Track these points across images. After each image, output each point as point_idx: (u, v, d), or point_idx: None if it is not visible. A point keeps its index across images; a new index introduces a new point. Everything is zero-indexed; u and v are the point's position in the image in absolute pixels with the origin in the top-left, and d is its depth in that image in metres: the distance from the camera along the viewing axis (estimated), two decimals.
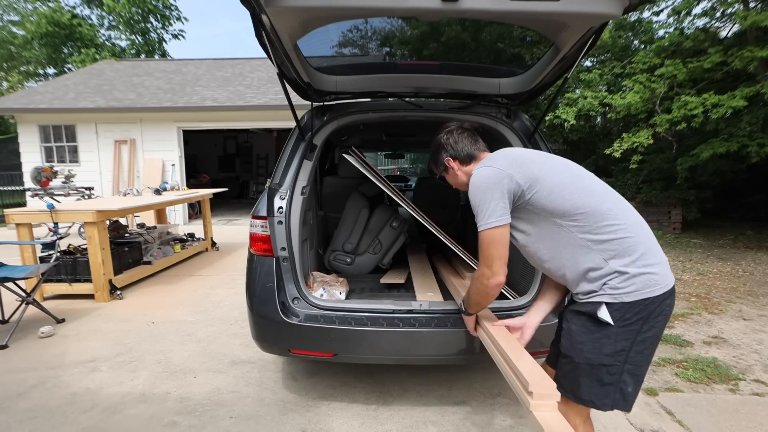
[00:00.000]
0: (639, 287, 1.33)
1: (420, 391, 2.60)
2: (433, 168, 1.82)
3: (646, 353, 1.37)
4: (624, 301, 1.33)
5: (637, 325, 1.33)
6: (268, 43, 1.80)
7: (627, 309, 1.33)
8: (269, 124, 10.43)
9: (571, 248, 1.41)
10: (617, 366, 1.35)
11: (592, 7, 1.57)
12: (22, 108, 10.08)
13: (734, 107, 6.05)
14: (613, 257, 1.35)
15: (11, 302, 3.64)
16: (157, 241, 5.86)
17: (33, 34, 18.75)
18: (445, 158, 1.72)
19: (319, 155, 2.64)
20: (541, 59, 2.29)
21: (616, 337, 1.34)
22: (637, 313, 1.33)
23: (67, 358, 3.05)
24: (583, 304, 1.41)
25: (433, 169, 1.83)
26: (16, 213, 4.27)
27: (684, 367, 2.92)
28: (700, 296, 4.45)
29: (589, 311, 1.38)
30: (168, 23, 21.96)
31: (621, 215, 1.39)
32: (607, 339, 1.35)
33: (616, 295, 1.34)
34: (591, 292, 1.39)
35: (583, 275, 1.40)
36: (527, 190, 1.42)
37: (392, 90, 2.66)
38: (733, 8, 6.70)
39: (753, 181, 8.77)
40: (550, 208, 1.41)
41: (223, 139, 15.69)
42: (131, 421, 2.30)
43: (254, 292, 2.29)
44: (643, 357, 1.37)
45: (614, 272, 1.35)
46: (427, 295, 2.61)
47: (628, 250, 1.35)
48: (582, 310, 1.41)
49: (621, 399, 1.38)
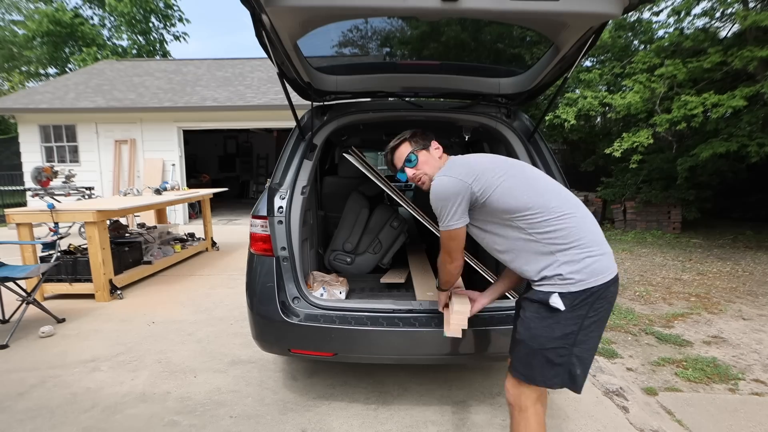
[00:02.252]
0: (585, 277, 1.48)
1: (420, 391, 2.60)
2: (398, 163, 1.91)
3: (592, 335, 1.53)
4: (571, 290, 1.48)
5: (584, 310, 1.48)
6: (268, 42, 1.81)
7: (575, 297, 1.48)
8: (269, 124, 10.43)
9: (522, 242, 1.58)
10: (566, 348, 1.51)
11: (591, 7, 1.57)
12: (23, 108, 10.08)
13: (734, 107, 6.05)
14: (559, 250, 1.51)
15: (12, 302, 3.65)
16: (158, 240, 5.86)
17: (34, 33, 18.74)
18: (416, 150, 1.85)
19: (319, 155, 2.64)
20: (541, 59, 2.29)
21: (565, 321, 1.49)
22: (584, 300, 1.48)
23: (68, 358, 3.05)
24: (536, 293, 1.56)
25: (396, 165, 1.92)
26: (16, 213, 4.27)
27: (684, 366, 2.92)
28: (700, 296, 4.45)
29: (542, 299, 1.53)
30: (169, 23, 21.97)
31: (567, 212, 1.55)
32: (558, 323, 1.50)
33: (565, 285, 1.49)
34: (542, 281, 1.54)
35: (534, 266, 1.56)
36: (481, 197, 1.60)
37: (392, 90, 2.66)
38: (732, 8, 6.70)
39: (753, 181, 8.78)
40: (502, 208, 1.58)
41: (224, 139, 15.70)
42: (131, 421, 2.31)
43: (254, 292, 2.30)
44: (589, 340, 1.53)
45: (562, 263, 1.50)
46: (427, 295, 2.62)
47: (573, 243, 1.51)
48: (535, 298, 1.56)
49: (569, 379, 1.54)
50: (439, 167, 1.77)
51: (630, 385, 2.69)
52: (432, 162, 1.83)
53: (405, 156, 1.85)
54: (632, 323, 3.72)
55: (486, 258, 3.16)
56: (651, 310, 4.07)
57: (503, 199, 1.57)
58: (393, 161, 1.92)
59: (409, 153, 1.84)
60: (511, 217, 1.58)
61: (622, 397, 2.53)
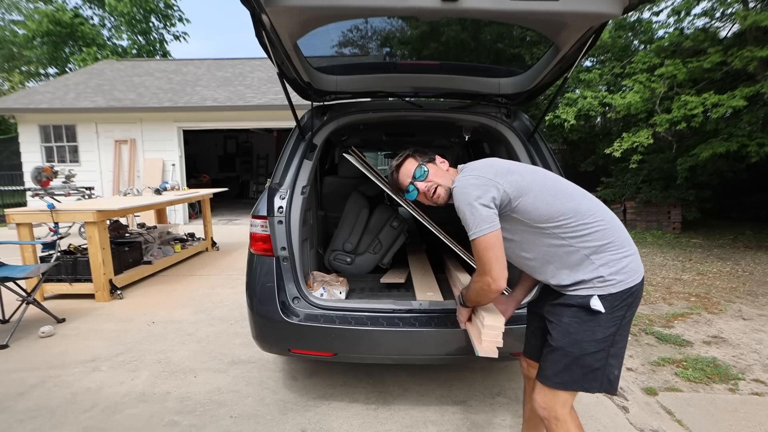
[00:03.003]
0: (624, 277, 1.45)
1: (420, 390, 2.60)
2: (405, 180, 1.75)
3: (625, 335, 1.52)
4: (612, 292, 1.44)
5: (623, 311, 1.46)
6: (268, 42, 1.80)
7: (615, 298, 1.44)
8: (269, 124, 10.43)
9: (554, 248, 1.51)
10: (605, 351, 1.47)
11: (591, 7, 1.57)
12: (23, 108, 10.08)
13: (734, 107, 6.05)
14: (595, 252, 1.47)
15: (12, 302, 3.65)
16: (158, 240, 5.86)
17: (34, 33, 18.74)
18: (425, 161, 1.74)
19: (319, 155, 2.64)
20: (541, 59, 2.28)
21: (606, 323, 1.44)
22: (624, 300, 1.45)
23: (68, 358, 3.05)
24: (572, 297, 1.49)
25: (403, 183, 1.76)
26: (16, 213, 4.27)
27: (684, 366, 2.92)
28: (700, 296, 4.45)
29: (581, 303, 1.47)
30: (169, 23, 21.97)
31: (598, 214, 1.50)
32: (599, 326, 1.45)
33: (605, 287, 1.44)
34: (578, 285, 1.48)
35: (568, 271, 1.50)
36: (513, 199, 1.49)
37: (392, 90, 2.66)
38: (732, 8, 6.70)
39: (752, 181, 8.78)
40: (534, 215, 1.50)
41: (223, 139, 15.70)
42: (131, 421, 2.31)
43: (254, 292, 2.30)
44: (623, 339, 1.51)
45: (599, 266, 1.46)
46: (427, 295, 2.62)
47: (608, 244, 1.47)
48: (572, 303, 1.49)
49: (607, 383, 1.49)
50: (451, 178, 1.67)
51: (630, 385, 2.69)
52: (442, 174, 1.71)
53: (413, 171, 1.72)
54: (632, 323, 3.72)
55: None
56: (651, 310, 4.07)
57: (535, 204, 1.49)
58: (399, 180, 1.77)
59: (417, 166, 1.71)
60: (543, 224, 1.49)
61: (622, 397, 2.53)
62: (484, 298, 1.63)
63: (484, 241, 1.45)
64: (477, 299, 1.67)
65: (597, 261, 1.46)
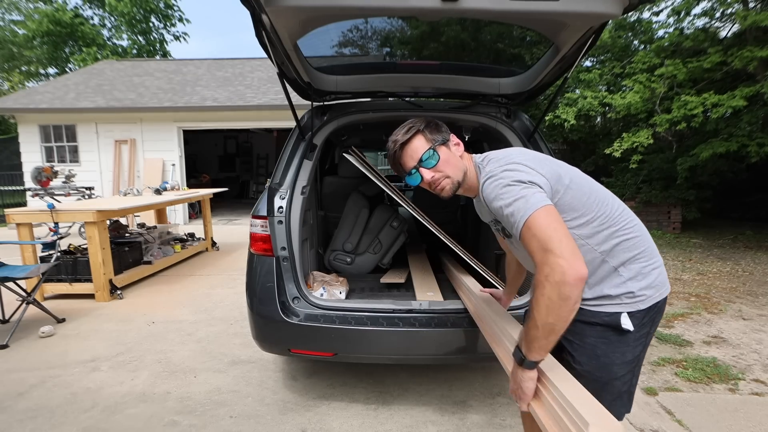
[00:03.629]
0: (653, 292, 1.29)
1: (420, 390, 2.60)
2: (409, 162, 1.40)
3: (646, 351, 1.37)
4: (640, 308, 1.28)
5: (648, 327, 1.31)
6: (268, 42, 1.80)
7: (643, 314, 1.29)
8: (269, 124, 10.43)
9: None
10: (631, 372, 1.32)
11: (591, 7, 1.57)
12: (23, 108, 10.08)
13: (734, 107, 6.05)
14: (622, 264, 1.28)
15: (12, 302, 3.65)
16: (158, 240, 5.86)
17: (34, 33, 18.75)
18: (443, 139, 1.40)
19: (319, 155, 2.64)
20: (541, 59, 2.29)
21: (634, 342, 1.29)
22: (651, 316, 1.31)
23: (68, 358, 3.05)
24: (596, 314, 1.29)
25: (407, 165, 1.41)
26: (16, 213, 4.27)
27: (684, 366, 2.92)
28: (700, 296, 4.45)
29: (608, 322, 1.28)
30: (169, 23, 21.97)
31: (630, 220, 1.32)
32: (628, 346, 1.29)
33: (635, 303, 1.27)
34: (602, 300, 1.29)
35: (593, 284, 1.30)
36: (556, 193, 1.23)
37: (392, 90, 2.66)
38: (732, 8, 6.70)
39: (752, 181, 8.78)
40: (567, 218, 1.24)
41: (223, 139, 15.70)
42: (131, 421, 2.31)
43: (254, 292, 2.30)
44: (644, 355, 1.36)
45: (627, 279, 1.27)
46: (427, 295, 2.62)
47: (638, 255, 1.29)
48: (597, 321, 1.29)
49: (629, 403, 1.36)
50: (463, 169, 1.38)
51: None
52: (454, 161, 1.38)
53: (421, 153, 1.36)
54: None
55: (486, 257, 3.16)
56: None
57: (572, 204, 1.25)
58: (402, 160, 1.40)
59: (427, 149, 1.36)
60: (573, 230, 1.23)
61: None
62: (563, 306, 1.03)
63: (537, 218, 1.09)
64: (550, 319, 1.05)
65: (625, 274, 1.27)
